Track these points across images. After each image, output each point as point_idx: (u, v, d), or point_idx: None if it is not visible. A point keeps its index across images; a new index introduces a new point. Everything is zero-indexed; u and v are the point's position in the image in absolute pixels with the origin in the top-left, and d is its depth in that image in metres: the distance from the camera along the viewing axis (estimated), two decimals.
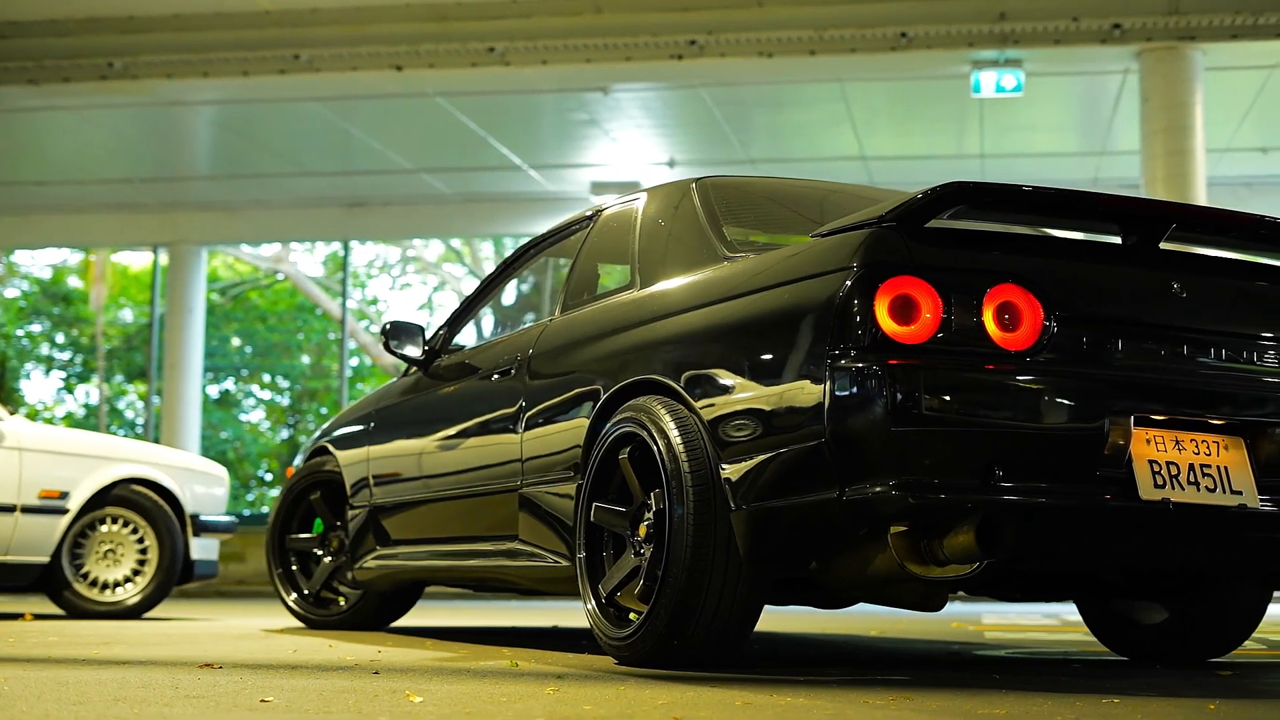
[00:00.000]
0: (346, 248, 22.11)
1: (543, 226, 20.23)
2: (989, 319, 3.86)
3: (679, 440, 4.29)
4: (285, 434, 26.16)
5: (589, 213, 5.86)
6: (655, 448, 4.36)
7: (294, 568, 7.17)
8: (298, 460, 7.56)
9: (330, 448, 7.07)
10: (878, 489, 3.75)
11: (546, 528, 5.15)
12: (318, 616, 7.02)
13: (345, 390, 21.73)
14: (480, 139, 17.19)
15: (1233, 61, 13.90)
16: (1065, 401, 3.89)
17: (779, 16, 13.50)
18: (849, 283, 3.86)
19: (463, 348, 6.41)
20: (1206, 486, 4.04)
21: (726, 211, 5.00)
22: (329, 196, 19.95)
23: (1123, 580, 5.03)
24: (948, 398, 3.76)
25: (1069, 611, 11.08)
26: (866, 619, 9.07)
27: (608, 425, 4.70)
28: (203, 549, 8.64)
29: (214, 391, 25.22)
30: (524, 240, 6.49)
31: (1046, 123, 16.84)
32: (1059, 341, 3.92)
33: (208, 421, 22.48)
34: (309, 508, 7.24)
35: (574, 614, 10.08)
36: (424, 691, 3.53)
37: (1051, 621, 9.36)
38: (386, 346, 6.37)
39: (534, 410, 5.30)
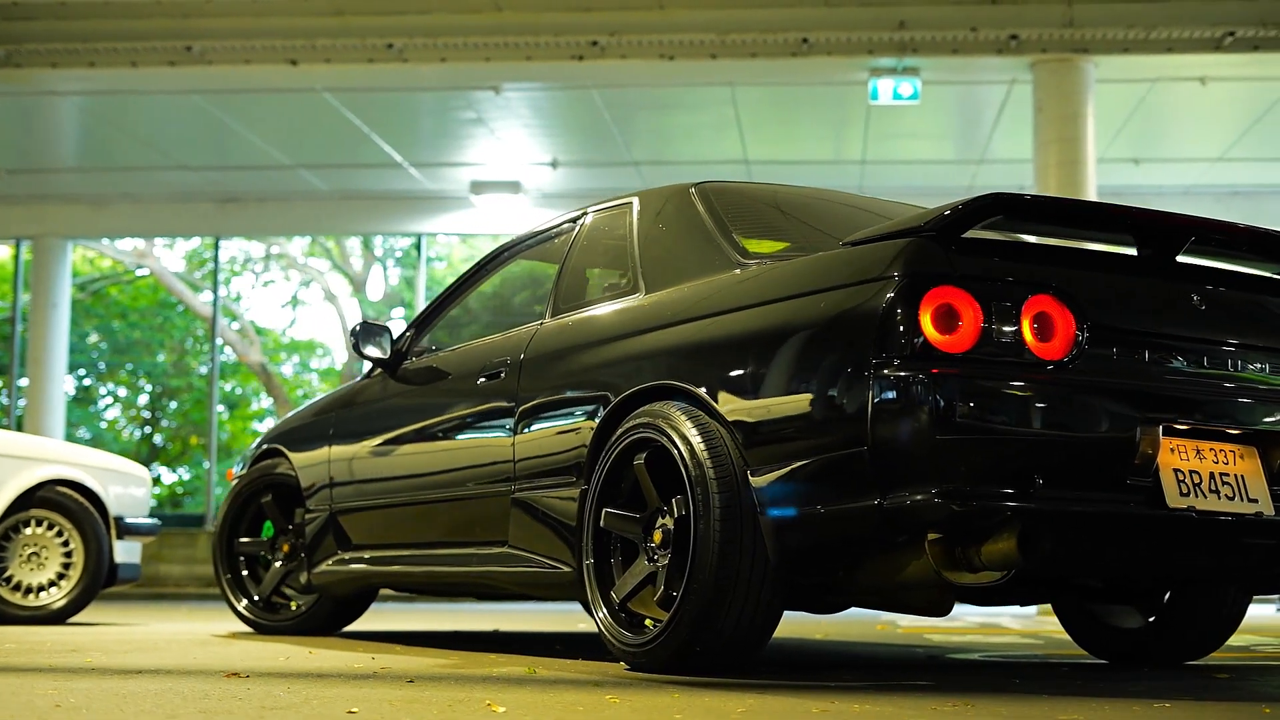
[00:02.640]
0: (217, 244, 21.75)
1: (419, 225, 20.30)
2: (1026, 329, 3.91)
3: (702, 446, 4.28)
4: (144, 431, 25.65)
5: (570, 217, 5.82)
6: (676, 453, 4.35)
7: (244, 573, 7.04)
8: (237, 467, 7.41)
9: (284, 450, 6.95)
10: (920, 496, 3.78)
11: (543, 532, 5.10)
12: (269, 622, 6.89)
13: (215, 387, 21.36)
14: (363, 135, 17.00)
15: (1121, 74, 14.21)
16: (1100, 411, 3.96)
17: (681, 19, 13.53)
18: (893, 292, 3.88)
19: (431, 350, 6.34)
20: (1226, 495, 4.14)
21: (731, 217, 5.01)
22: (201, 191, 19.59)
23: (1101, 584, 5.15)
24: (989, 406, 3.81)
25: (970, 613, 11.27)
26: (798, 623, 9.12)
27: (620, 430, 4.67)
28: (126, 552, 8.42)
29: (70, 389, 24.64)
30: (400, 238, 6.43)
31: (929, 130, 17.07)
32: (1090, 352, 3.99)
33: (66, 419, 21.97)
34: (257, 511, 7.10)
35: (511, 616, 9.99)
36: (503, 701, 3.49)
37: (962, 624, 9.51)
38: (355, 348, 6.28)
39: (530, 414, 5.24)
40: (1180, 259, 4.35)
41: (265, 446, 7.15)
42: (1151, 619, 5.36)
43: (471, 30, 13.71)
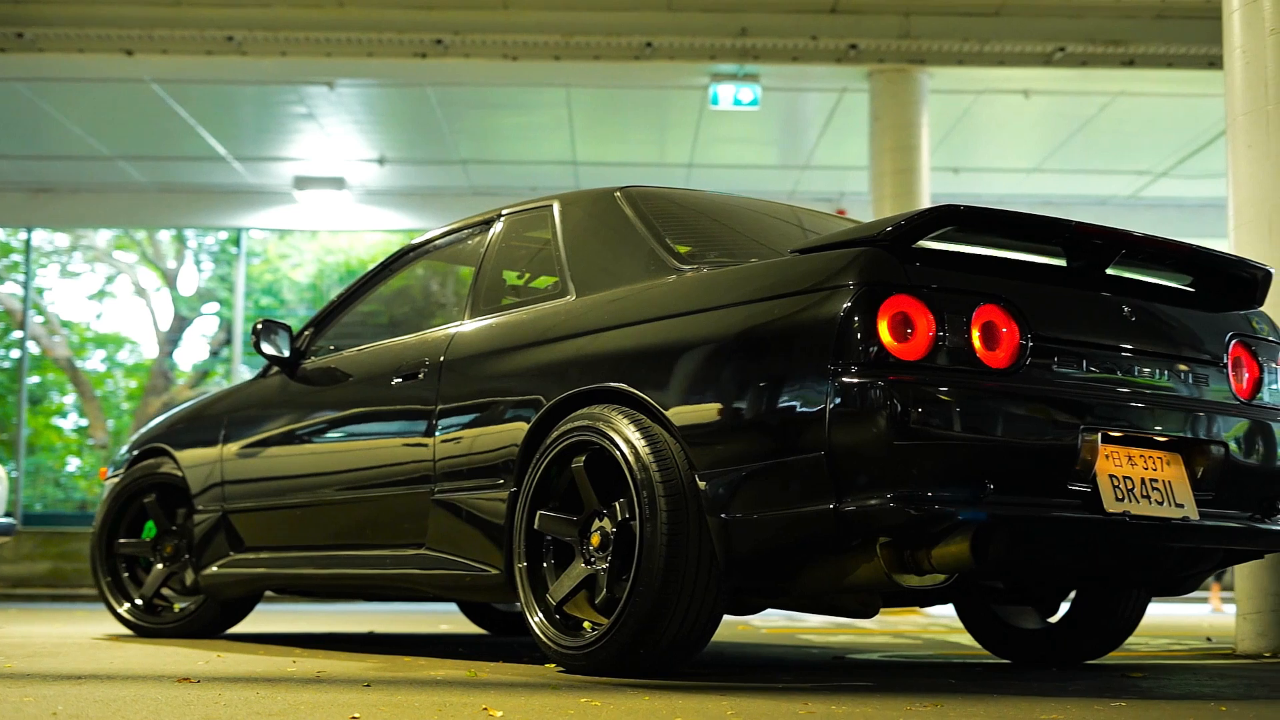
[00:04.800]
0: (29, 235, 21.14)
1: (239, 219, 19.96)
2: (975, 338, 4.02)
3: (646, 448, 4.31)
4: None
5: (482, 219, 5.79)
6: (619, 455, 4.37)
7: (125, 575, 6.88)
8: (111, 467, 7.22)
9: (168, 449, 6.80)
10: (875, 501, 3.86)
11: (467, 534, 5.06)
12: (151, 625, 6.74)
13: (24, 381, 20.77)
14: (187, 127, 16.63)
15: (954, 86, 14.56)
16: (1045, 418, 4.08)
17: (526, 20, 13.52)
18: (850, 300, 3.95)
19: (331, 350, 6.26)
20: (1156, 500, 4.29)
21: (661, 222, 5.04)
22: (12, 180, 19.01)
23: (1002, 586, 5.31)
24: (944, 413, 3.91)
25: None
26: None
27: (556, 432, 4.68)
28: None
29: None
30: (215, 233, 6.34)
31: (757, 136, 17.23)
32: (1034, 361, 4.11)
33: None
34: (139, 511, 6.95)
35: (369, 618, 9.87)
36: (496, 705, 3.48)
37: (815, 624, 9.65)
38: (255, 346, 6.19)
39: (453, 415, 5.21)
40: (1109, 271, 4.49)
41: (146, 446, 6.99)
42: (1050, 620, 5.54)
43: (313, 25, 13.52)
